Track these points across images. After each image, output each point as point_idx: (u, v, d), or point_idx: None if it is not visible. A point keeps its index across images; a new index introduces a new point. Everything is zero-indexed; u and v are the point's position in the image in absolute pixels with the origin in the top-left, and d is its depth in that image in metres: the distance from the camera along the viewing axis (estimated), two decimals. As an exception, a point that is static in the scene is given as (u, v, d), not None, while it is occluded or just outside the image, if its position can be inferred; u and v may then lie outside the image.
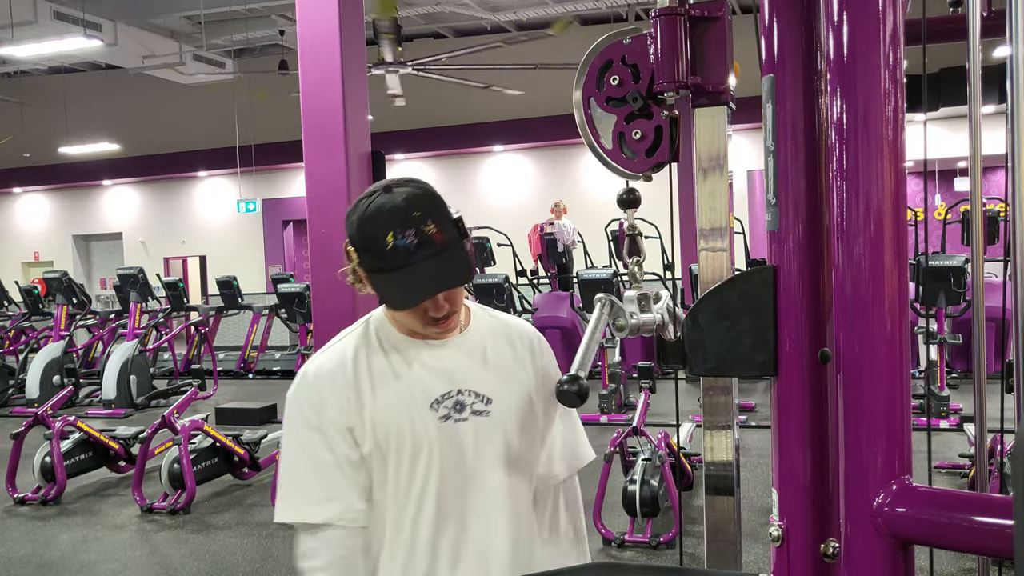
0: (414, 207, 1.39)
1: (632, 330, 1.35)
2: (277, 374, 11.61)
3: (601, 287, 8.52)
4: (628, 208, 1.48)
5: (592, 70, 1.38)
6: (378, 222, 1.38)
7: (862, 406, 0.89)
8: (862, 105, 0.88)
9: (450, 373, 1.51)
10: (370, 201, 1.40)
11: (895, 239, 0.88)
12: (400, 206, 1.38)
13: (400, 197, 1.39)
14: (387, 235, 1.37)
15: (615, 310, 1.30)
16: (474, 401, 1.50)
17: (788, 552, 0.97)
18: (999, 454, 4.17)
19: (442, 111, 14.41)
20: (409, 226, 1.37)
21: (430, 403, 1.49)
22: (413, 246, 1.37)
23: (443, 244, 1.40)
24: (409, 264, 1.37)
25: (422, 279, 1.39)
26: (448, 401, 1.49)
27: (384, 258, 1.38)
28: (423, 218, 1.38)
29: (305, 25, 4.87)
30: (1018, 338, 0.95)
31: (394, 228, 1.37)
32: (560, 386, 1.15)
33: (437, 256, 1.39)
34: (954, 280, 7.36)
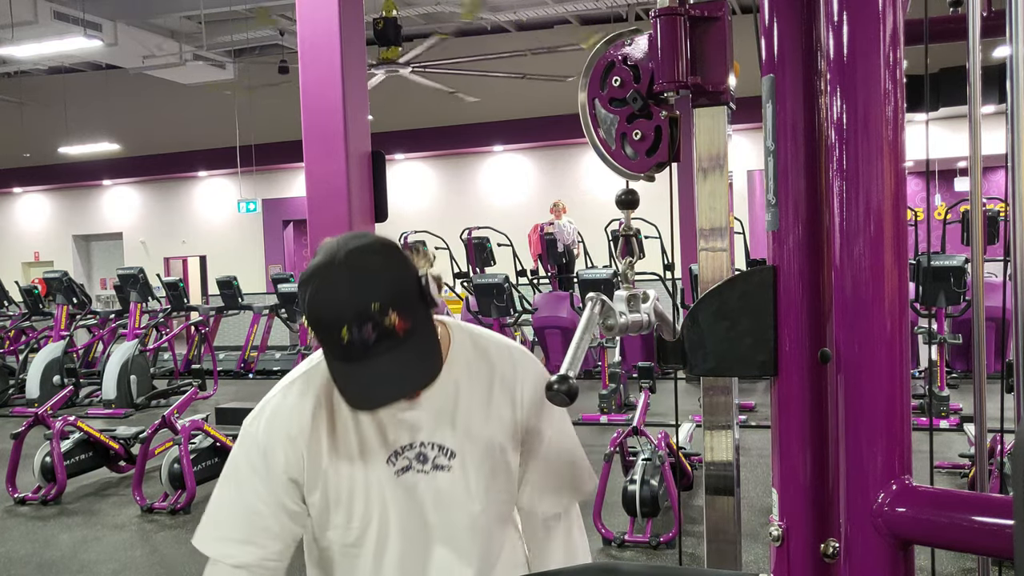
0: (372, 296, 1.21)
1: (621, 329, 1.34)
2: (277, 374, 11.59)
3: (601, 287, 8.52)
4: (626, 209, 1.48)
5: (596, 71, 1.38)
6: (330, 314, 1.21)
7: (862, 406, 0.89)
8: (862, 105, 0.88)
9: (413, 425, 1.40)
10: (322, 280, 1.23)
11: (895, 239, 0.88)
12: (356, 295, 1.20)
13: (357, 282, 1.21)
14: (341, 329, 1.20)
15: (605, 309, 1.29)
16: (437, 455, 1.41)
17: (788, 552, 0.97)
18: (999, 454, 4.17)
19: (442, 111, 14.41)
20: (366, 320, 1.20)
21: (387, 456, 1.40)
22: (371, 340, 1.21)
23: (407, 333, 1.23)
24: (367, 359, 1.22)
25: (381, 379, 1.24)
26: (409, 453, 1.40)
27: (340, 350, 1.23)
28: (383, 308, 1.21)
29: (305, 25, 4.87)
30: (1018, 338, 0.95)
31: (348, 323, 1.20)
32: (550, 387, 1.15)
33: (399, 348, 1.23)
34: (954, 280, 7.36)
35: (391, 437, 1.40)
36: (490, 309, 9.16)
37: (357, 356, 1.22)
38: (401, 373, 1.25)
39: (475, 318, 9.30)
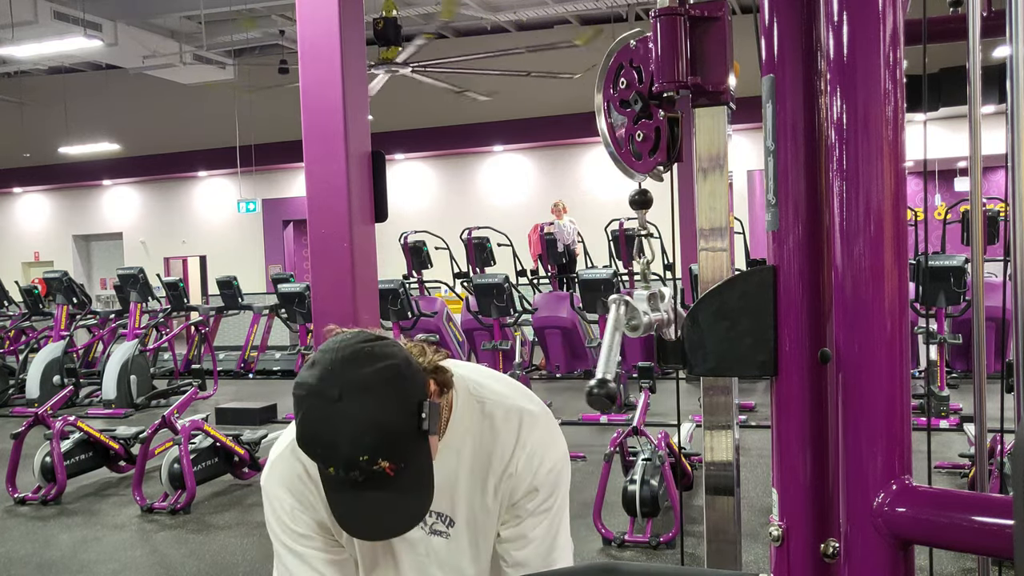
0: (361, 449, 1.16)
1: (645, 329, 1.36)
2: (277, 374, 11.61)
3: (601, 287, 8.52)
4: (640, 209, 1.48)
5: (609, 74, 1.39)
6: (320, 450, 1.19)
7: (862, 406, 0.89)
8: (862, 105, 0.88)
9: None
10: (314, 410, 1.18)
11: (895, 239, 0.88)
12: (345, 443, 1.16)
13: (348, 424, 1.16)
14: (329, 467, 1.19)
15: (630, 310, 1.30)
16: (435, 522, 1.43)
17: (788, 552, 0.97)
18: (999, 454, 4.17)
19: (442, 111, 14.41)
20: (354, 468, 1.17)
21: None
22: (359, 480, 1.19)
23: (397, 472, 1.20)
24: (355, 492, 1.20)
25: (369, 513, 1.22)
26: None
27: (327, 478, 1.22)
28: (372, 459, 1.17)
29: (305, 25, 4.87)
30: (1018, 338, 0.95)
31: (337, 465, 1.18)
32: (590, 392, 1.14)
33: (387, 488, 1.20)
34: (954, 280, 7.36)
35: None
36: (490, 309, 9.16)
37: (344, 489, 1.21)
38: (386, 516, 1.22)
39: (475, 318, 9.31)
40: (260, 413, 8.27)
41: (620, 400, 8.19)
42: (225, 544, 4.99)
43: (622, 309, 1.28)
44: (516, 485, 1.43)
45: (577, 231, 12.00)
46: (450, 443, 1.40)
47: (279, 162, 15.78)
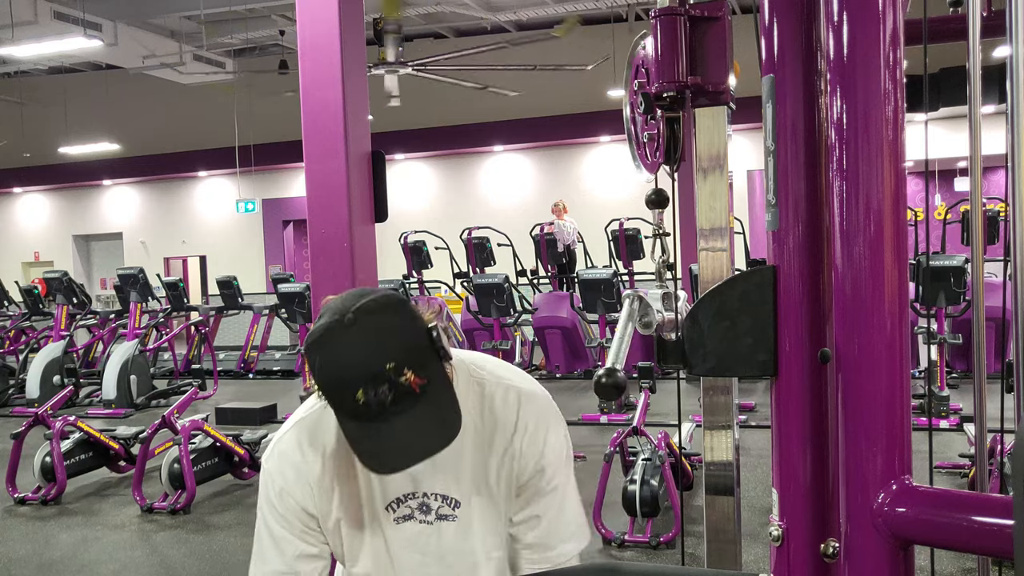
0: (385, 356, 1.18)
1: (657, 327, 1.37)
2: (277, 374, 11.61)
3: (601, 287, 8.52)
4: (656, 208, 1.49)
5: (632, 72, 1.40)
6: (343, 376, 1.19)
7: (862, 406, 0.89)
8: (862, 105, 0.88)
9: (416, 474, 1.37)
10: (332, 343, 1.20)
11: (895, 239, 0.88)
12: (368, 356, 1.18)
13: (369, 343, 1.19)
14: (356, 392, 1.18)
15: (643, 306, 1.30)
16: (440, 505, 1.40)
17: (788, 552, 0.97)
18: (999, 454, 4.17)
19: (442, 111, 14.41)
20: (381, 382, 1.17)
21: (386, 504, 1.40)
22: (388, 400, 1.18)
23: (423, 389, 1.21)
24: (383, 420, 1.20)
25: (399, 442, 1.21)
26: (412, 502, 1.40)
27: (354, 411, 1.20)
28: (398, 368, 1.18)
29: (305, 25, 4.87)
30: (1018, 338, 0.95)
31: (363, 385, 1.17)
32: (598, 380, 1.14)
33: (416, 407, 1.20)
34: (954, 280, 7.36)
35: (392, 484, 1.40)
36: (490, 309, 9.16)
37: (373, 416, 1.19)
38: (418, 438, 1.22)
39: (475, 318, 9.30)
40: (260, 413, 8.27)
41: (621, 399, 8.19)
42: (225, 544, 4.99)
43: (636, 304, 1.28)
44: (522, 466, 1.41)
45: (577, 231, 12.00)
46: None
47: (279, 162, 15.78)
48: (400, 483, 1.39)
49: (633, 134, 1.48)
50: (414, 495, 1.40)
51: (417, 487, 1.40)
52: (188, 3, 11.41)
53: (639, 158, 1.48)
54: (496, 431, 1.41)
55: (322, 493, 1.40)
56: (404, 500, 1.40)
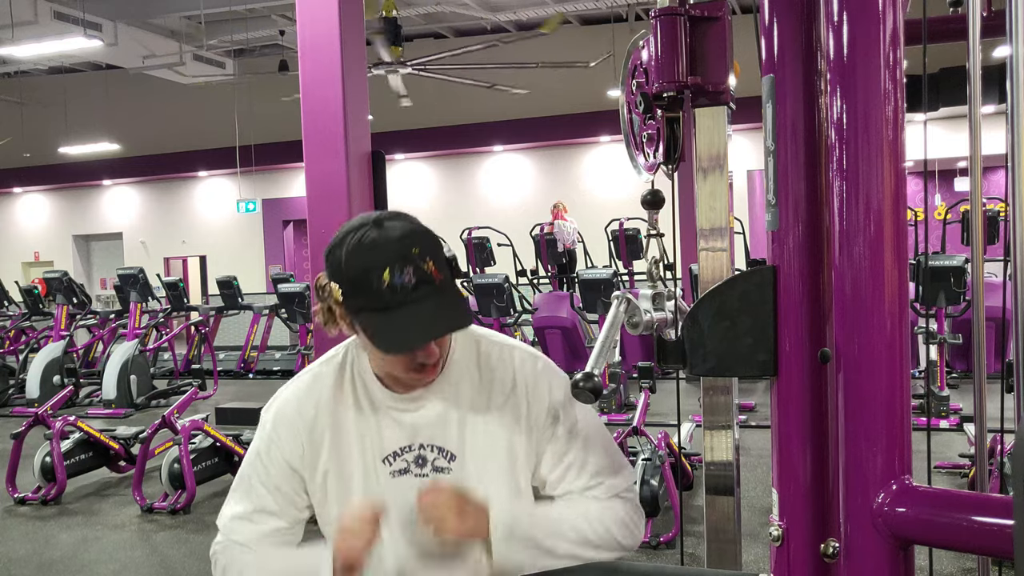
0: (412, 243, 1.28)
1: (646, 327, 1.36)
2: (277, 374, 11.60)
3: (601, 287, 8.52)
4: (651, 209, 1.49)
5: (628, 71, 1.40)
6: (372, 257, 1.26)
7: (862, 406, 0.89)
8: (862, 105, 0.88)
9: (413, 426, 1.41)
10: (359, 235, 1.28)
11: (895, 239, 0.88)
12: (397, 241, 1.27)
13: (395, 232, 1.28)
14: (383, 272, 1.24)
15: (631, 308, 1.30)
16: (436, 457, 1.41)
17: (788, 552, 0.97)
18: (999, 454, 4.17)
19: (442, 111, 14.42)
20: (408, 263, 1.25)
21: (383, 457, 1.42)
22: (412, 284, 1.25)
23: (441, 284, 1.29)
24: (406, 304, 1.25)
25: (419, 321, 1.26)
26: (408, 455, 1.42)
27: (378, 297, 1.25)
28: (422, 254, 1.27)
29: (305, 25, 4.87)
30: (1018, 338, 0.95)
31: (391, 264, 1.25)
32: (575, 384, 1.15)
33: (435, 296, 1.27)
34: (954, 280, 7.36)
35: (389, 438, 1.41)
36: (490, 309, 9.16)
37: (397, 301, 1.25)
38: (437, 315, 1.28)
39: (475, 318, 9.30)
40: (260, 413, 8.26)
41: (621, 399, 8.19)
42: (225, 544, 4.99)
43: (623, 307, 1.28)
44: (532, 419, 1.42)
45: (577, 231, 11.99)
46: (449, 378, 1.43)
47: (279, 162, 15.78)
48: (397, 436, 1.41)
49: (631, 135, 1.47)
50: (410, 447, 1.42)
51: (413, 439, 1.42)
52: (188, 3, 11.41)
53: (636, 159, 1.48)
54: (494, 385, 1.43)
55: (312, 446, 1.43)
56: (400, 453, 1.42)
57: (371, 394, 1.43)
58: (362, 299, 1.28)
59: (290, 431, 1.44)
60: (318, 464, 1.43)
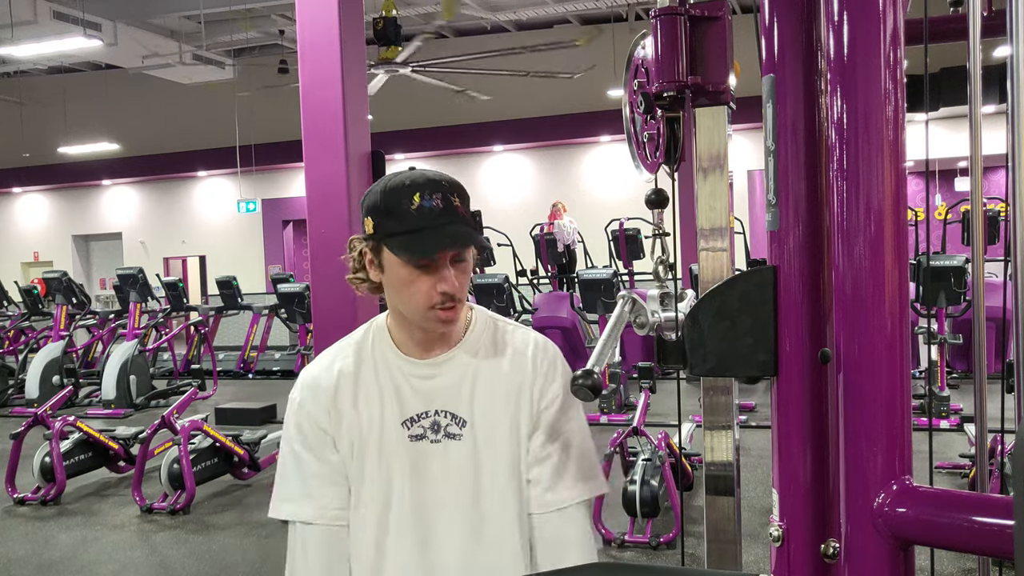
0: (443, 179, 1.42)
1: (652, 327, 1.37)
2: (277, 374, 11.60)
3: (601, 287, 8.52)
4: (655, 208, 1.49)
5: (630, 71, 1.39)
6: (407, 186, 1.40)
7: (862, 406, 0.89)
8: (862, 105, 0.88)
9: (430, 393, 1.49)
10: (396, 174, 1.44)
11: (895, 239, 0.88)
12: (429, 175, 1.42)
13: (429, 172, 1.43)
14: (414, 195, 1.38)
15: (636, 308, 1.31)
16: (449, 423, 1.48)
17: (788, 552, 0.97)
18: (999, 454, 4.17)
19: (442, 111, 14.42)
20: (437, 191, 1.39)
21: (402, 421, 1.48)
22: (439, 209, 1.38)
23: (464, 218, 1.41)
24: (431, 227, 1.38)
25: (445, 234, 1.39)
26: (425, 421, 1.48)
27: (408, 219, 1.38)
28: (451, 190, 1.40)
29: (305, 25, 4.87)
30: (1018, 338, 0.95)
31: (422, 190, 1.38)
32: (574, 380, 1.16)
33: (458, 224, 1.40)
34: (954, 280, 7.36)
35: (408, 404, 1.49)
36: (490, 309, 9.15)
37: (424, 223, 1.37)
38: (462, 234, 1.40)
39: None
40: (260, 413, 8.27)
41: (621, 400, 8.19)
42: (225, 544, 4.99)
43: (628, 306, 1.28)
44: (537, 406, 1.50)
45: (577, 231, 11.99)
46: (466, 348, 1.51)
47: (279, 162, 15.78)
48: (415, 402, 1.48)
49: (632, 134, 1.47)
50: (427, 414, 1.48)
51: (430, 406, 1.48)
52: (188, 3, 11.41)
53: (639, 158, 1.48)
54: (510, 360, 1.51)
55: (336, 411, 1.50)
56: (418, 419, 1.48)
57: (390, 364, 1.50)
58: (394, 222, 1.39)
59: (315, 400, 1.51)
60: (342, 428, 1.49)
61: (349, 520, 1.51)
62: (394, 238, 1.40)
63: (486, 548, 1.48)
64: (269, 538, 4.99)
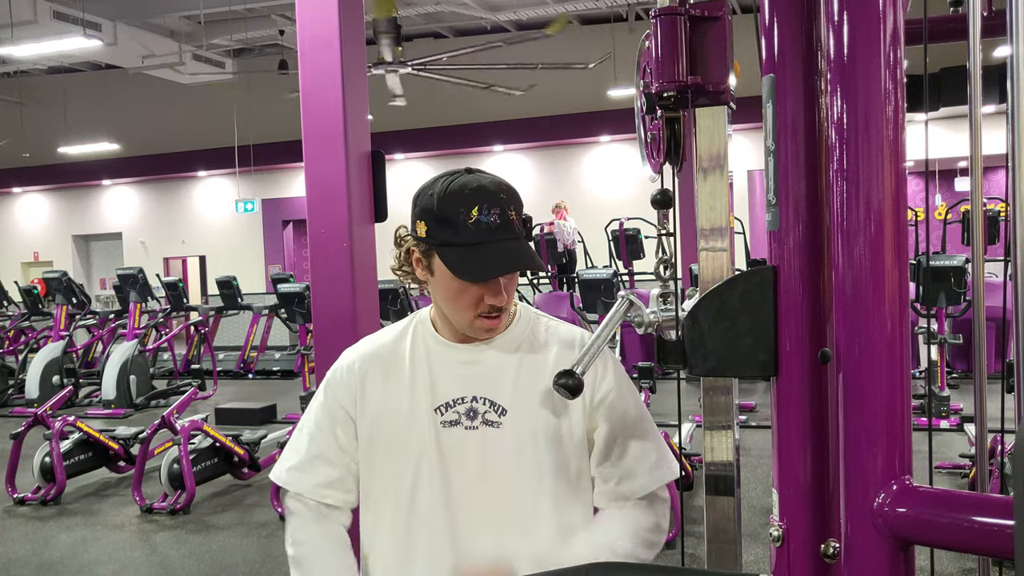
0: (501, 190, 1.38)
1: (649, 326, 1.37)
2: (277, 374, 11.60)
3: (601, 287, 8.52)
4: (661, 208, 1.50)
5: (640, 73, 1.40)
6: (464, 196, 1.36)
7: (862, 406, 0.89)
8: (862, 105, 0.88)
9: (470, 379, 1.47)
10: (452, 179, 1.39)
11: (895, 239, 0.88)
12: (487, 186, 1.38)
13: (486, 179, 1.39)
14: (472, 208, 1.35)
15: (634, 309, 1.31)
16: (487, 410, 1.45)
17: (788, 552, 0.97)
18: (999, 454, 4.17)
19: (442, 111, 14.41)
20: (496, 205, 1.36)
21: (435, 407, 1.46)
22: (495, 225, 1.35)
23: (519, 233, 1.39)
24: (488, 242, 1.36)
25: (500, 255, 1.37)
26: (460, 407, 1.46)
27: (464, 232, 1.36)
28: (508, 202, 1.38)
29: (305, 25, 4.87)
30: (1018, 338, 0.94)
31: (480, 202, 1.35)
32: (556, 379, 1.17)
33: (514, 240, 1.38)
34: (954, 280, 7.36)
35: (443, 388, 1.47)
36: (490, 309, 9.15)
37: (480, 238, 1.35)
38: (516, 254, 1.38)
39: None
40: (260, 413, 8.27)
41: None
42: (225, 544, 4.99)
43: (624, 307, 1.28)
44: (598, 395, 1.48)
45: (577, 231, 11.99)
46: (509, 338, 1.49)
47: (279, 162, 15.77)
48: (451, 388, 1.46)
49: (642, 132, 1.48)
50: (463, 400, 1.46)
51: (466, 391, 1.46)
52: (188, 3, 11.41)
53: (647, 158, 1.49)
54: (555, 351, 1.49)
55: (363, 394, 1.50)
56: (453, 405, 1.46)
57: (430, 350, 1.50)
58: (448, 232, 1.37)
59: (345, 382, 1.52)
60: (367, 411, 1.49)
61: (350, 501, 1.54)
62: (449, 248, 1.38)
63: (517, 537, 1.45)
64: (269, 538, 4.99)
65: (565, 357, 1.47)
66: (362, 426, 1.50)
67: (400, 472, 1.47)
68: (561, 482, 1.47)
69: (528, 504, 1.46)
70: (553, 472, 1.46)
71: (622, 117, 11.54)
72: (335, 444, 1.51)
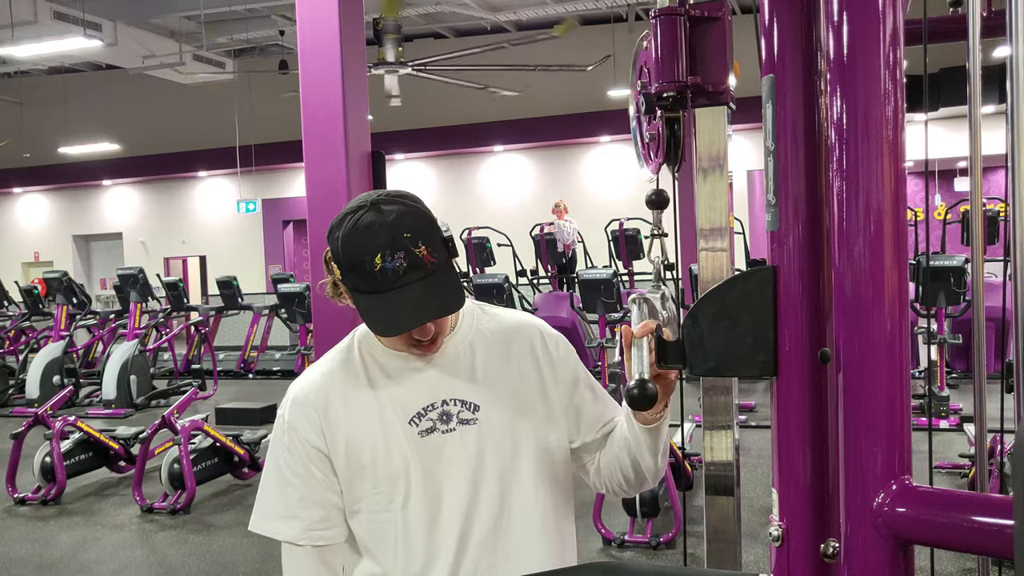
0: (404, 228, 1.30)
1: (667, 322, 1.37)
2: (277, 374, 11.60)
3: (601, 287, 8.52)
4: (656, 209, 1.49)
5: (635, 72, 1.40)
6: (365, 241, 1.29)
7: (862, 406, 0.89)
8: (862, 105, 0.88)
9: (432, 383, 1.43)
10: (356, 217, 1.31)
11: (895, 239, 0.88)
12: (389, 225, 1.29)
13: (390, 216, 1.30)
14: (375, 256, 1.29)
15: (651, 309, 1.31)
16: (460, 410, 1.43)
17: (788, 552, 0.97)
18: (999, 454, 4.17)
19: (442, 111, 14.42)
20: (399, 248, 1.29)
21: (408, 419, 1.42)
22: (402, 269, 1.29)
23: (432, 268, 1.32)
24: (396, 288, 1.30)
25: (409, 305, 1.31)
26: (432, 413, 1.43)
27: (370, 279, 1.30)
28: (414, 239, 1.30)
29: (305, 25, 4.87)
30: (1018, 338, 0.95)
31: (382, 249, 1.29)
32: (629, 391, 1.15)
33: (426, 280, 1.31)
34: (954, 280, 7.36)
35: (410, 399, 1.43)
36: (490, 309, 9.15)
37: (388, 285, 1.30)
38: (428, 300, 1.31)
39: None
40: (260, 413, 8.27)
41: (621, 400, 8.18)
42: (225, 544, 4.99)
43: (644, 309, 1.28)
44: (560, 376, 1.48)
45: (577, 231, 11.99)
46: (461, 339, 1.46)
47: (279, 162, 15.78)
48: (418, 397, 1.43)
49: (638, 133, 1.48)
50: (432, 406, 1.43)
51: (435, 396, 1.43)
52: (188, 3, 11.41)
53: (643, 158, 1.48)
54: (510, 339, 1.48)
55: (330, 428, 1.43)
56: (425, 413, 1.43)
57: (383, 366, 1.45)
58: (356, 279, 1.32)
59: (306, 417, 1.45)
60: (339, 444, 1.43)
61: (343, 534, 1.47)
62: (360, 296, 1.34)
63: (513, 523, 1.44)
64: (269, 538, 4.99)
65: (518, 331, 1.49)
66: (336, 457, 1.43)
67: (387, 491, 1.42)
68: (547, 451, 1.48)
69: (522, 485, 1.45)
70: (542, 444, 1.47)
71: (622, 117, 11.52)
72: (315, 483, 1.44)
